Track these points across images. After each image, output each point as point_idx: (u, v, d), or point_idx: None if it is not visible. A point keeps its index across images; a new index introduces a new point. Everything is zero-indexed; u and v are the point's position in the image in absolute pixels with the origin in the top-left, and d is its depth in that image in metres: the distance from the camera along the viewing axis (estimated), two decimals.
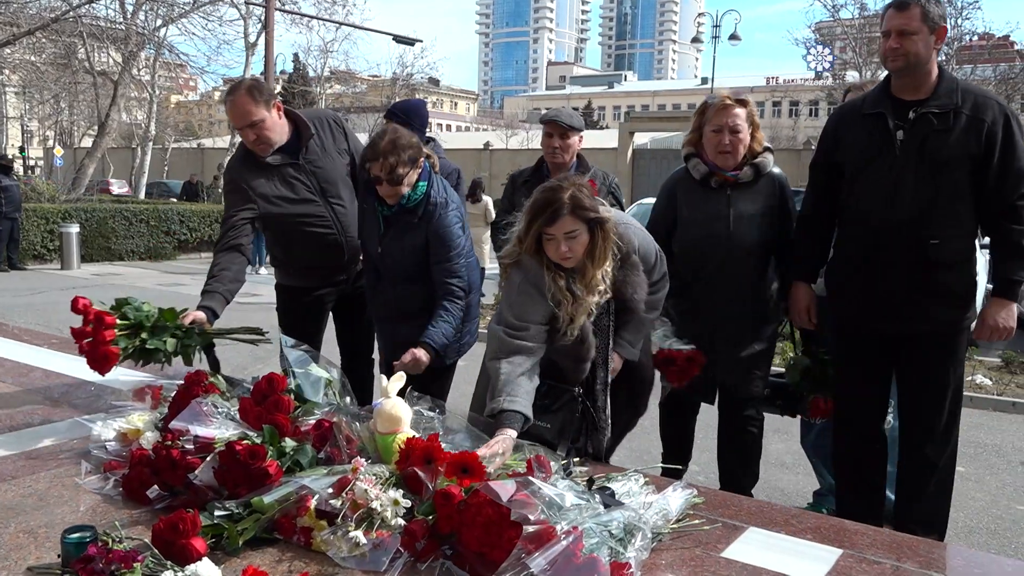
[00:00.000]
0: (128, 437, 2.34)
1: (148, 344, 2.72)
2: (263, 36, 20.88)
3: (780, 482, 4.57)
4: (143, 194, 25.84)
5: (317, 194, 3.34)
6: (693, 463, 3.70)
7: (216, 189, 20.03)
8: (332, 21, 26.30)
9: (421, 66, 35.92)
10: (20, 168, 34.97)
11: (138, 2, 21.15)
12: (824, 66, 27.79)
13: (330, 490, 1.89)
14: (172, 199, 23.94)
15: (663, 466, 2.95)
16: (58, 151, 34.96)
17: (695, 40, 37.62)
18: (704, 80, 65.18)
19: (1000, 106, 2.84)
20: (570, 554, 1.59)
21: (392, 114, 3.94)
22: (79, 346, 2.72)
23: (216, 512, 1.87)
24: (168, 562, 1.66)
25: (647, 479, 2.15)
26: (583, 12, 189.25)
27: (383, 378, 2.24)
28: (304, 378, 2.34)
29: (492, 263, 7.68)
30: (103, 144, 22.08)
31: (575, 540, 1.62)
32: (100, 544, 1.68)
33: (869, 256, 2.92)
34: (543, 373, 2.52)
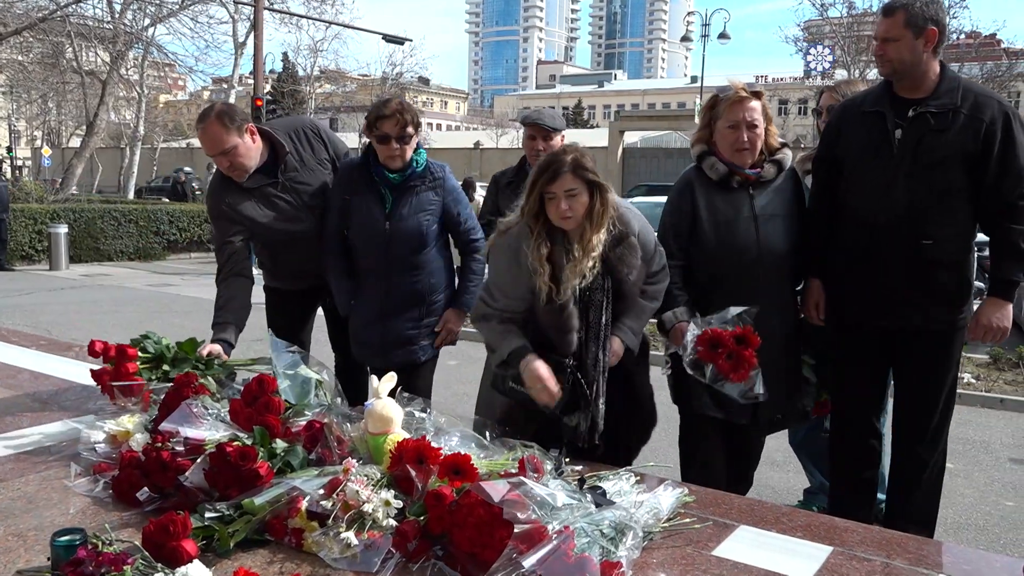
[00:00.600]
0: (118, 439, 2.32)
1: (171, 375, 2.68)
2: (252, 36, 20.84)
3: (770, 480, 4.58)
4: (132, 194, 25.74)
5: (302, 210, 3.27)
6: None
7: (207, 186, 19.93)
8: (321, 20, 26.30)
9: (411, 65, 35.98)
10: (8, 168, 34.77)
11: (126, 1, 21.08)
12: (824, 66, 27.95)
13: (321, 491, 1.88)
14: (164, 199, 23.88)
15: (654, 465, 2.94)
16: (46, 151, 34.82)
17: (685, 39, 37.54)
18: (694, 79, 65.26)
19: (1001, 105, 2.81)
20: (562, 553, 1.60)
21: None
22: (102, 386, 2.71)
23: (207, 514, 1.86)
24: (159, 564, 1.65)
25: (638, 478, 2.15)
26: (573, 11, 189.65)
27: (374, 379, 2.24)
28: (293, 380, 2.33)
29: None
30: (91, 144, 22.02)
31: (567, 540, 1.62)
32: (90, 547, 1.67)
33: (866, 254, 2.91)
34: (534, 344, 2.59)
